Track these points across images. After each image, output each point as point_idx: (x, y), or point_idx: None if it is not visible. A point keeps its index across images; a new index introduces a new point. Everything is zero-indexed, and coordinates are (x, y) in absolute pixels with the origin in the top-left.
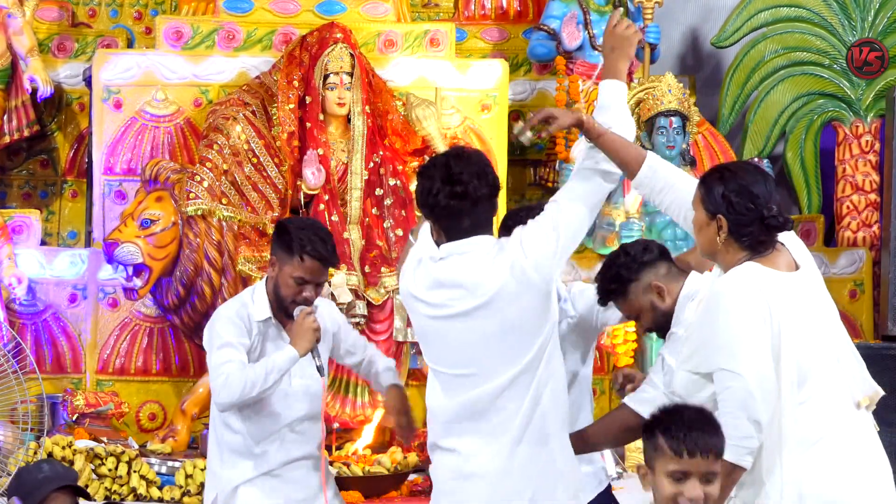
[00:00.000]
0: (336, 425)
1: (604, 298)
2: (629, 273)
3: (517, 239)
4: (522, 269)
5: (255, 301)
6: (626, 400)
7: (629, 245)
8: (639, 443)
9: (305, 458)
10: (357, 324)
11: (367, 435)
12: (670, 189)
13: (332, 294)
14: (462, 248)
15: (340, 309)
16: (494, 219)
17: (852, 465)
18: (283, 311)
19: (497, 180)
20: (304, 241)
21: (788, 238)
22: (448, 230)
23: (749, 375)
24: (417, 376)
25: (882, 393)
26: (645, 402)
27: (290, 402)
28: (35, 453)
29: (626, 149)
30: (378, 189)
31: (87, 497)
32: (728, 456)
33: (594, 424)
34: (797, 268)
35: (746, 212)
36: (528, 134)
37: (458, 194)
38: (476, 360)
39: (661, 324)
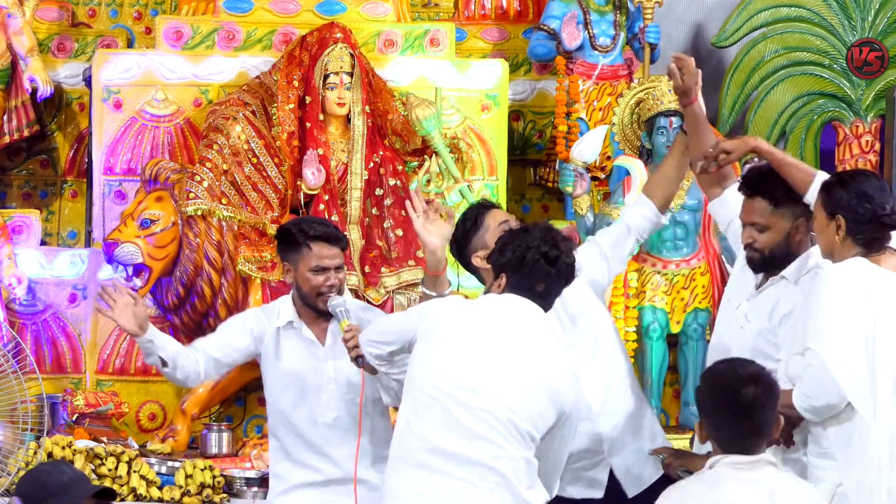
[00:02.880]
0: None
1: (752, 189)
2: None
3: None
4: None
5: (281, 311)
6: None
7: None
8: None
9: (346, 478)
10: None
11: None
12: None
13: None
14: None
15: None
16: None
17: None
18: (312, 310)
19: (575, 272)
20: (304, 229)
21: None
22: (518, 288)
23: (829, 354)
24: None
25: None
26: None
27: (322, 411)
28: (35, 453)
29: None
30: (378, 189)
31: (114, 495)
32: (794, 399)
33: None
34: None
35: (863, 211)
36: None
37: (551, 258)
38: None
39: (778, 255)
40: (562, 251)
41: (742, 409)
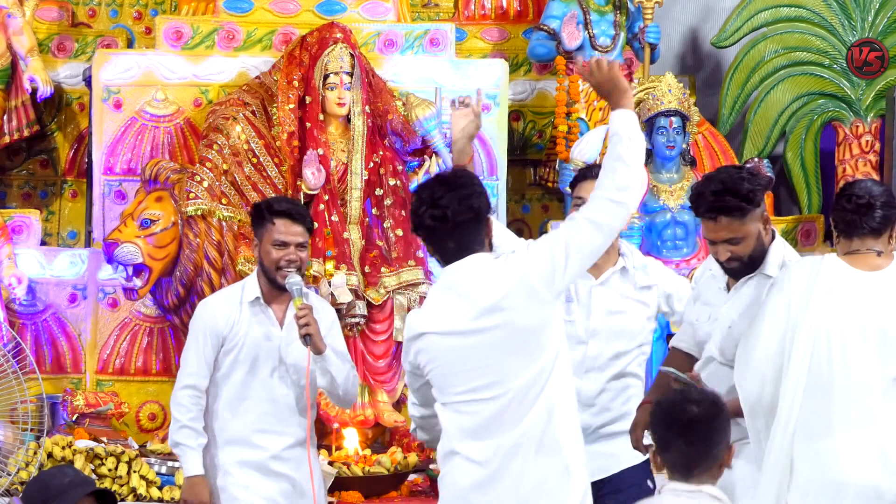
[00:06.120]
0: (336, 425)
1: (717, 212)
2: (758, 195)
3: (526, 252)
4: (530, 282)
5: (247, 285)
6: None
7: (747, 166)
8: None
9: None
10: (357, 324)
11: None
12: None
13: (332, 294)
14: (460, 268)
15: (339, 309)
16: (486, 239)
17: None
18: (273, 285)
19: (482, 206)
20: (270, 205)
21: None
22: (437, 251)
23: (740, 352)
24: None
25: None
26: None
27: (274, 388)
28: (35, 453)
29: None
30: (378, 189)
31: (114, 500)
32: None
33: None
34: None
35: (833, 206)
36: None
37: (438, 217)
38: (494, 374)
39: (757, 256)
40: (445, 206)
41: (684, 427)
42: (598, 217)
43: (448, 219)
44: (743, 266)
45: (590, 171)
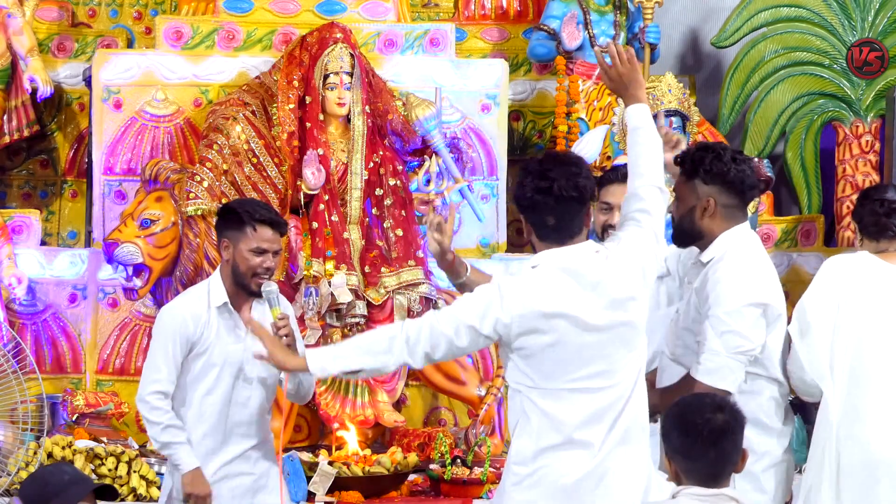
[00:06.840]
0: (336, 425)
1: (678, 161)
2: (703, 170)
3: (633, 243)
4: (646, 273)
5: (212, 289)
6: (697, 376)
7: (747, 157)
8: None
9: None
10: (357, 324)
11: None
12: None
13: (332, 294)
14: (579, 254)
15: (339, 309)
16: (585, 227)
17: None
18: (243, 290)
19: (587, 189)
20: (250, 211)
21: None
22: (535, 226)
23: (805, 346)
24: (418, 376)
25: None
26: (714, 372)
27: (238, 391)
28: (35, 453)
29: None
30: (378, 189)
31: (115, 494)
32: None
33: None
34: None
35: (859, 208)
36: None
37: (543, 189)
38: (609, 363)
39: (686, 228)
40: (553, 178)
41: (710, 435)
42: (659, 206)
43: (553, 192)
44: (674, 225)
45: (615, 175)
